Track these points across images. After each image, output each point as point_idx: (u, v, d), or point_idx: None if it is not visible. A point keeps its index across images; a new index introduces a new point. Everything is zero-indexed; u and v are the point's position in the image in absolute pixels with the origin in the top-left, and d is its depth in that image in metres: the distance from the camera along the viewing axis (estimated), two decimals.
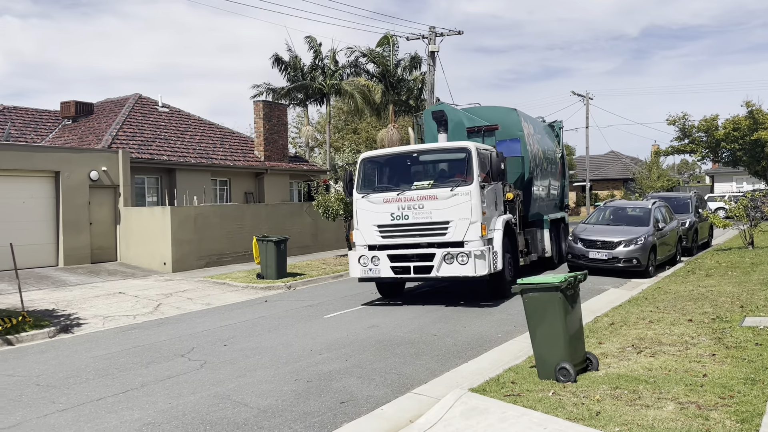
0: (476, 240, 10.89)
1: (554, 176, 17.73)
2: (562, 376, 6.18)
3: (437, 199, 11.08)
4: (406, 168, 12.04)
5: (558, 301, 6.26)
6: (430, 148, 12.34)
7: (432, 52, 24.06)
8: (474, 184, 11.00)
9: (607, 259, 14.97)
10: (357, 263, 11.66)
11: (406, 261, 11.31)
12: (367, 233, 11.64)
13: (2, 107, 25.17)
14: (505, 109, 15.52)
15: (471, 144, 11.55)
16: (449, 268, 10.92)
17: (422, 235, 11.24)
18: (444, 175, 11.86)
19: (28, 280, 15.54)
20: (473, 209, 10.91)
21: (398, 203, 11.35)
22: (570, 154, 53.68)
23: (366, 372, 7.40)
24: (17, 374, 8.03)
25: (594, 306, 10.86)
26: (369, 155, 12.38)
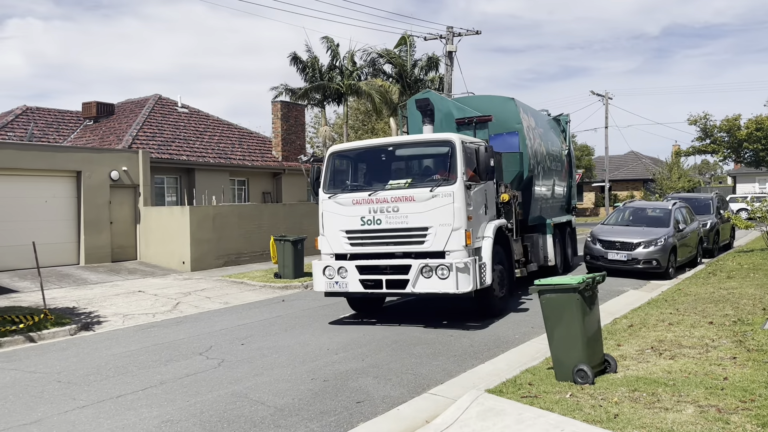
0: (459, 250, 9.22)
1: (559, 175, 16.03)
2: (579, 378, 6.14)
3: (414, 201, 9.41)
4: (382, 164, 10.40)
5: (576, 302, 6.21)
6: (407, 140, 10.67)
7: (450, 52, 24.02)
8: (457, 183, 9.33)
9: (626, 260, 14.82)
10: (321, 275, 10.01)
11: (378, 273, 9.62)
12: (334, 240, 10.03)
13: (25, 108, 25.57)
14: (502, 98, 13.77)
15: (455, 136, 9.75)
16: (427, 283, 9.27)
17: (397, 243, 9.60)
18: (424, 172, 10.32)
19: (50, 279, 15.78)
20: (456, 213, 9.24)
21: (369, 205, 9.69)
22: (589, 154, 53.30)
23: (382, 372, 7.40)
24: (39, 371, 8.16)
25: (613, 307, 10.76)
26: (338, 149, 10.57)
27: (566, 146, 17.12)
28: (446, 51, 24.10)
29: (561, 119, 17.30)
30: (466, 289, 9.15)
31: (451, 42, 23.80)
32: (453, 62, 24.19)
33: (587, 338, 6.27)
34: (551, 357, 6.52)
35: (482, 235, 9.98)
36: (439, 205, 9.31)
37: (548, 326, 6.44)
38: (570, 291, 6.23)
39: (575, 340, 6.24)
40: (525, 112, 13.61)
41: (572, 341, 6.25)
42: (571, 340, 6.26)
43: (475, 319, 10.12)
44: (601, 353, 6.60)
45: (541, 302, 6.43)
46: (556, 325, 6.35)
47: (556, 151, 15.79)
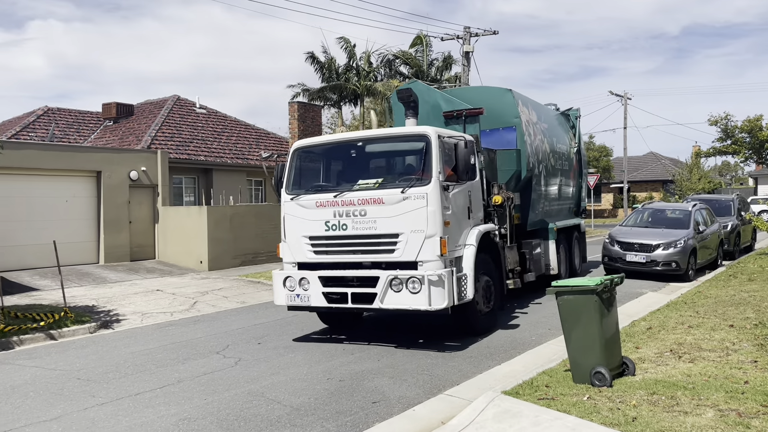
0: (433, 260, 8.11)
1: (566, 175, 14.62)
2: (597, 380, 6.09)
3: (383, 203, 8.33)
4: (351, 162, 9.30)
5: (594, 304, 6.16)
6: (378, 135, 9.33)
7: (467, 52, 23.94)
8: (432, 183, 8.20)
9: (645, 262, 14.69)
10: (282, 286, 8.97)
11: (344, 285, 8.57)
12: (296, 247, 8.93)
13: (47, 109, 25.94)
14: (497, 89, 12.55)
15: (431, 129, 8.62)
16: (396, 298, 8.17)
17: (364, 252, 8.51)
18: (398, 171, 9.19)
19: (70, 277, 15.98)
20: (430, 218, 8.12)
21: (334, 208, 8.60)
22: (607, 155, 52.76)
23: (398, 372, 7.40)
24: (59, 368, 8.26)
25: (631, 310, 10.66)
26: (303, 144, 9.49)
27: (576, 143, 15.64)
28: (463, 51, 24.04)
29: (570, 114, 15.89)
30: (440, 305, 8.01)
31: (468, 42, 23.73)
32: (470, 62, 24.11)
33: (605, 340, 6.22)
34: (568, 359, 6.48)
35: (463, 243, 8.78)
36: (411, 208, 8.21)
37: (565, 328, 6.39)
38: (588, 293, 6.18)
39: (593, 343, 6.19)
40: (524, 105, 12.40)
41: (590, 343, 6.20)
42: (588, 342, 6.21)
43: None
44: (619, 356, 6.54)
45: (558, 304, 6.38)
46: (573, 327, 6.30)
47: (563, 149, 14.47)
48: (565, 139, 14.90)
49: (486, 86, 13.56)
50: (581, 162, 15.96)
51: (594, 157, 50.14)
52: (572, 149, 15.23)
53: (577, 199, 15.78)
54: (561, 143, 14.37)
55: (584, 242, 15.75)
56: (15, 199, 16.74)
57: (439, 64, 33.26)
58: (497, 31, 23.92)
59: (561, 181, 14.13)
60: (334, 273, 8.65)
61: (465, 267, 8.63)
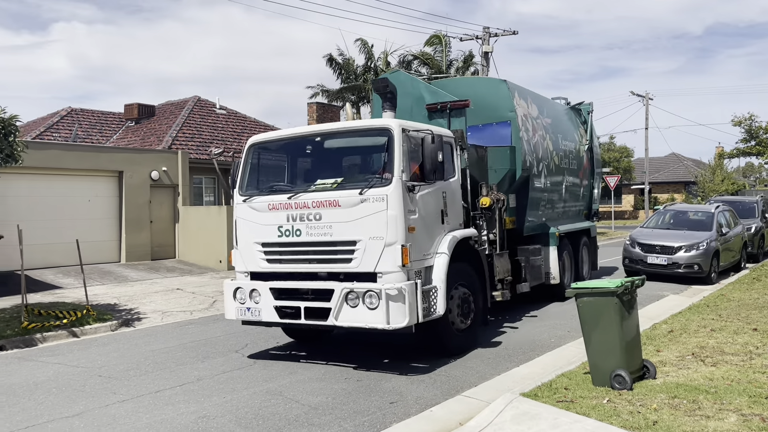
0: (394, 271, 7.14)
1: (575, 174, 13.51)
2: (617, 383, 6.03)
3: (340, 206, 7.42)
4: (309, 159, 8.53)
5: (614, 306, 6.10)
6: (338, 129, 8.25)
7: (486, 52, 23.86)
8: (393, 184, 7.24)
9: (666, 264, 14.53)
10: (232, 298, 8.13)
11: (297, 299, 7.67)
12: (248, 255, 8.07)
13: (70, 109, 26.33)
14: (491, 80, 11.67)
15: (394, 122, 7.69)
16: (352, 314, 7.23)
17: (319, 261, 7.63)
18: (359, 169, 8.18)
19: (93, 276, 16.20)
20: (390, 223, 7.17)
21: (288, 211, 7.74)
22: (628, 155, 52.22)
23: (416, 372, 7.39)
24: (81, 365, 8.38)
25: (652, 312, 10.54)
26: (259, 139, 8.58)
27: (587, 140, 14.43)
28: (482, 51, 23.96)
29: (582, 109, 14.73)
30: (400, 324, 7.01)
31: (487, 42, 23.65)
32: (489, 63, 24.02)
33: (625, 343, 6.16)
34: (588, 362, 6.42)
35: (434, 251, 7.78)
36: (370, 212, 7.26)
37: (585, 330, 6.34)
38: (608, 295, 6.12)
39: (613, 345, 6.13)
40: (522, 98, 11.37)
41: (610, 346, 6.14)
42: (608, 345, 6.15)
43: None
44: (639, 359, 6.47)
45: (577, 306, 6.33)
46: (593, 330, 6.25)
47: (570, 146, 13.37)
48: (574, 135, 13.84)
49: (480, 77, 12.66)
50: (593, 160, 14.82)
51: (615, 158, 49.67)
52: (582, 146, 14.13)
53: (588, 201, 14.71)
54: (568, 140, 13.31)
55: (595, 248, 14.53)
56: (39, 199, 17.01)
57: (459, 64, 33.17)
58: (516, 31, 23.81)
59: (567, 182, 13.08)
60: (286, 284, 7.75)
61: (435, 278, 7.63)
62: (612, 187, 34.31)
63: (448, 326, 7.92)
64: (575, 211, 13.85)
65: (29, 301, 11.43)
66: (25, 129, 25.15)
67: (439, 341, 7.97)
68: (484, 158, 9.88)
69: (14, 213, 15.63)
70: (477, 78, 12.83)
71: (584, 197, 14.40)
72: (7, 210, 15.85)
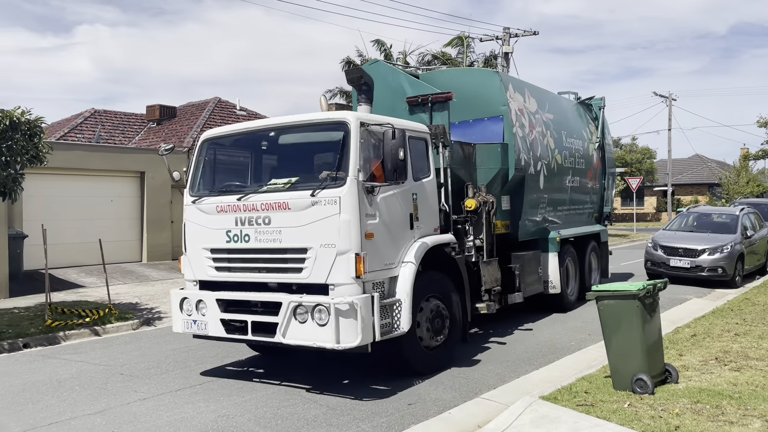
0: (346, 283, 6.38)
1: (582, 174, 12.50)
2: (638, 387, 5.95)
3: (290, 209, 6.68)
4: (264, 156, 7.78)
5: (635, 309, 6.03)
6: (292, 122, 7.37)
7: (506, 53, 23.76)
8: (347, 185, 6.47)
9: (689, 267, 14.33)
10: (179, 310, 7.46)
11: (245, 312, 6.93)
12: (197, 261, 7.37)
13: (93, 111, 26.72)
14: (483, 72, 10.77)
15: (351, 115, 6.89)
16: (301, 331, 6.46)
17: (269, 270, 6.90)
18: (315, 168, 7.26)
19: (115, 275, 16.41)
20: (343, 228, 6.41)
21: (236, 214, 7.02)
22: (651, 157, 51.61)
23: (434, 374, 7.36)
24: (103, 363, 8.48)
25: (674, 316, 10.39)
26: (212, 134, 7.95)
27: (598, 137, 13.41)
28: (503, 52, 23.85)
29: (593, 104, 13.78)
30: (351, 343, 6.24)
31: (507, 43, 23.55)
32: (509, 63, 23.91)
33: (647, 347, 6.08)
34: (609, 365, 6.35)
35: (398, 260, 6.97)
36: (321, 216, 6.51)
37: (606, 333, 6.27)
38: (630, 298, 6.05)
39: (634, 349, 6.06)
40: (518, 91, 10.48)
41: (631, 350, 6.07)
42: (629, 349, 6.08)
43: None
44: (661, 363, 6.38)
45: (598, 309, 6.27)
46: (614, 333, 6.18)
47: (577, 144, 12.38)
48: (582, 132, 12.86)
49: (471, 68, 11.71)
50: (605, 160, 13.77)
51: (637, 159, 49.15)
52: (592, 144, 13.13)
53: (599, 204, 13.67)
54: (575, 137, 12.35)
55: (605, 254, 13.38)
56: (62, 199, 17.28)
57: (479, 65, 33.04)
58: (537, 32, 23.71)
59: (573, 182, 12.12)
60: (233, 295, 7.04)
61: (400, 291, 6.83)
62: (634, 188, 33.95)
63: (415, 344, 7.10)
64: (583, 214, 12.93)
65: (53, 299, 11.61)
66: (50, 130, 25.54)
67: (404, 360, 7.13)
68: (471, 156, 9.18)
69: (39, 213, 15.89)
70: (468, 69, 11.99)
71: (594, 199, 13.40)
72: (32, 210, 16.13)
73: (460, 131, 9.74)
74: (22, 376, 7.84)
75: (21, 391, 7.20)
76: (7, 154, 9.66)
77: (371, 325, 6.34)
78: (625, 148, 52.25)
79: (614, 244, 27.09)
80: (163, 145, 7.97)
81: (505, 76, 10.63)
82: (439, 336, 7.43)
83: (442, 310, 7.49)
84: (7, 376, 7.86)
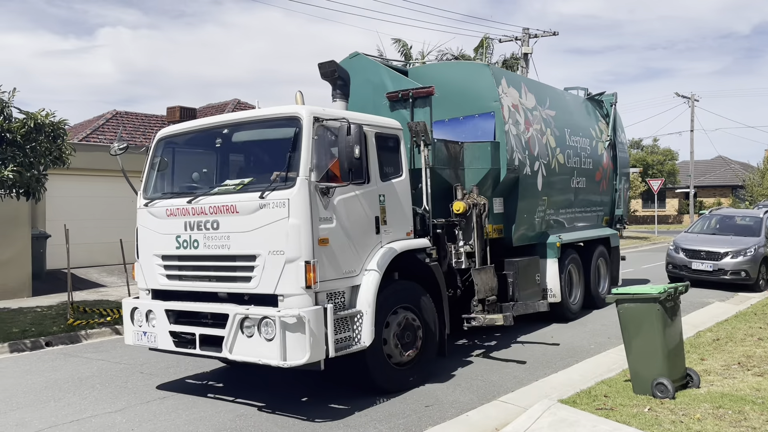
0: (296, 294, 5.85)
1: (590, 175, 11.64)
2: (659, 391, 5.88)
3: (238, 213, 6.16)
4: (218, 155, 7.12)
5: (656, 313, 5.96)
6: (242, 119, 6.85)
7: (525, 54, 23.63)
8: (297, 185, 5.92)
9: (711, 270, 14.13)
10: (129, 320, 6.99)
11: (195, 323, 6.43)
12: (149, 269, 6.91)
13: (115, 112, 27.08)
14: (473, 65, 10.06)
15: (304, 110, 6.22)
16: (248, 345, 5.95)
17: (218, 279, 6.41)
18: (268, 168, 6.46)
19: None
20: (291, 234, 5.85)
21: (185, 218, 6.51)
22: (672, 158, 51.00)
23: (452, 376, 7.34)
24: (123, 362, 8.58)
25: (696, 320, 10.25)
26: (167, 133, 7.43)
27: (608, 136, 12.58)
28: (522, 53, 23.73)
29: (604, 100, 12.95)
30: (299, 360, 5.69)
31: (526, 44, 23.42)
32: (528, 64, 23.78)
33: (668, 351, 6.00)
34: (629, 369, 6.28)
35: (359, 269, 6.40)
36: (270, 220, 5.96)
37: (626, 337, 6.20)
38: (650, 301, 5.98)
39: (655, 353, 5.98)
40: (513, 86, 9.75)
41: (652, 353, 6.00)
42: (650, 352, 6.01)
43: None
44: (682, 367, 6.30)
45: (618, 312, 6.20)
46: (634, 336, 6.11)
47: (584, 143, 11.54)
48: (590, 130, 12.01)
49: (461, 62, 11.28)
50: (617, 159, 12.85)
51: (658, 160, 48.61)
52: (602, 143, 12.30)
53: (610, 206, 12.78)
54: (581, 135, 11.52)
55: (616, 260, 12.49)
56: (84, 199, 17.53)
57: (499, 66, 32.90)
58: (557, 32, 23.57)
59: (579, 183, 11.30)
60: (183, 306, 6.54)
61: (361, 301, 6.26)
62: (655, 190, 33.55)
63: (380, 359, 6.50)
64: (592, 217, 12.08)
65: (74, 298, 11.78)
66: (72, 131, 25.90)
67: (367, 377, 6.52)
68: (458, 156, 8.60)
69: (61, 213, 16.13)
70: (457, 63, 11.70)
71: (604, 201, 12.52)
72: (55, 210, 16.38)
73: (449, 129, 9.28)
74: (45, 374, 7.96)
75: (43, 388, 7.32)
76: (31, 156, 9.81)
77: (323, 340, 5.80)
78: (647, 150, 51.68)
79: (634, 246, 26.86)
80: (115, 144, 7.21)
81: (497, 70, 10.05)
82: (409, 350, 6.82)
83: (413, 323, 6.88)
84: (29, 374, 7.98)
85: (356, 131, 6.04)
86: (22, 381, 7.66)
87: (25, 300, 13.51)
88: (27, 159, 9.45)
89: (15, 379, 7.78)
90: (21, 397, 6.97)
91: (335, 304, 6.06)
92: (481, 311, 7.98)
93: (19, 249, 14.08)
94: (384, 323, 6.55)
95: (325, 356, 5.84)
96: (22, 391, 7.23)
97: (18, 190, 9.82)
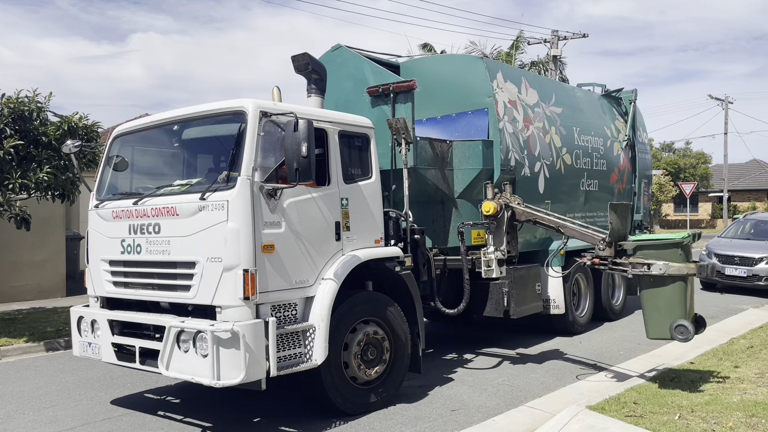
0: (233, 305, 5.32)
1: (603, 177, 10.85)
2: (679, 334, 5.95)
3: (178, 215, 5.67)
4: (169, 153, 6.77)
5: (678, 258, 6.14)
6: (189, 114, 6.26)
7: (555, 56, 23.44)
8: (238, 186, 5.41)
9: (746, 276, 13.82)
10: (76, 330, 6.57)
11: (137, 335, 5.96)
12: (97, 274, 6.42)
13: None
14: (466, 58, 9.51)
15: (250, 104, 5.72)
16: (183, 361, 5.46)
17: (159, 287, 5.89)
18: (216, 167, 6.19)
19: None
20: (230, 239, 5.34)
21: (130, 221, 6.05)
22: (705, 162, 50.00)
23: (478, 381, 7.31)
24: None
25: (730, 327, 10.03)
26: (122, 130, 6.86)
27: (626, 135, 11.68)
28: (551, 55, 23.54)
29: (622, 97, 12.07)
30: (233, 380, 5.18)
31: (555, 46, 23.23)
32: (557, 66, 23.57)
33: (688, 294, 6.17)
34: (644, 317, 6.41)
35: (312, 278, 5.85)
36: (208, 224, 5.45)
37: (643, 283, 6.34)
38: (673, 246, 6.14)
39: (678, 299, 6.11)
40: (510, 80, 9.07)
41: (671, 299, 6.11)
42: (672, 299, 6.12)
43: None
44: (693, 311, 6.41)
45: None
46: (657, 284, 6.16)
47: (596, 142, 10.73)
48: (604, 129, 11.16)
49: (453, 54, 10.58)
50: (636, 160, 11.90)
51: (691, 164, 47.72)
52: (619, 143, 11.44)
53: (630, 210, 11.31)
54: (593, 134, 10.69)
55: None
56: None
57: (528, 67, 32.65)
58: (587, 34, 23.33)
59: (590, 186, 10.51)
60: (125, 316, 6.09)
61: (314, 315, 5.72)
62: (688, 194, 32.92)
63: (337, 377, 5.96)
64: (605, 222, 11.16)
65: None
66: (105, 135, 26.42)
67: (324, 396, 5.98)
68: (446, 155, 8.03)
69: None
70: (450, 56, 10.83)
71: None
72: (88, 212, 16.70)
73: (442, 127, 8.79)
74: (78, 373, 8.11)
75: (76, 387, 7.47)
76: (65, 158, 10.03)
77: (262, 357, 5.26)
78: (679, 153, 50.76)
79: None
80: (69, 142, 6.82)
81: (493, 63, 9.25)
82: (374, 368, 6.25)
83: (379, 338, 6.31)
84: (63, 373, 8.16)
85: (305, 127, 5.45)
86: (56, 379, 7.83)
87: (60, 300, 13.80)
88: (62, 162, 9.66)
89: (49, 377, 7.96)
90: (54, 395, 7.12)
91: (284, 317, 5.60)
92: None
93: (54, 250, 14.39)
94: (343, 337, 6.02)
95: (264, 375, 5.32)
96: (56, 389, 7.39)
97: (53, 192, 10.05)
